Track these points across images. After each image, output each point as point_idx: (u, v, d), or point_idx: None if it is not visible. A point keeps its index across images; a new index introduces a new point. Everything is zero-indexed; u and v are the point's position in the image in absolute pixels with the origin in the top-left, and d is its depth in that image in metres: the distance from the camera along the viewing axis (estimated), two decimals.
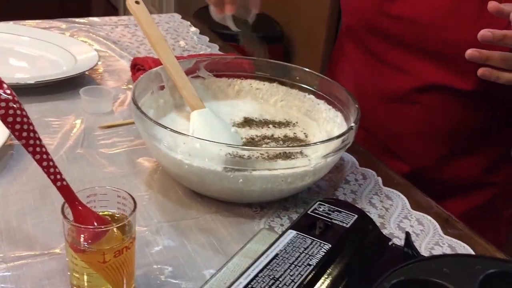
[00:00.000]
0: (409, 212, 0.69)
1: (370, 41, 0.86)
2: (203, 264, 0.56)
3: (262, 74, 0.85)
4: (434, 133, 0.85)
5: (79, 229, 0.44)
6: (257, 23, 0.91)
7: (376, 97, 0.84)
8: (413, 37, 0.79)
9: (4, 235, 0.56)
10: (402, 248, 0.46)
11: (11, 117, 0.41)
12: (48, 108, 0.83)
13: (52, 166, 0.44)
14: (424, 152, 0.88)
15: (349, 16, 0.90)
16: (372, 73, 0.88)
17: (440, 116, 0.84)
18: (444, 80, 0.80)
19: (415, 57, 0.81)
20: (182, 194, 0.67)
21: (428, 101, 0.83)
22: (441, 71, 0.79)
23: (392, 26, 0.81)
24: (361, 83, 0.88)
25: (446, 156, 0.87)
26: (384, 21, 0.81)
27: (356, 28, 0.88)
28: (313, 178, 0.66)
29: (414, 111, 0.85)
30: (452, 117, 0.83)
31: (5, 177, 0.66)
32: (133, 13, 0.75)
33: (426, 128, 0.85)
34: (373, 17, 0.83)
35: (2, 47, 1.00)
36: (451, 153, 0.86)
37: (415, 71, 0.82)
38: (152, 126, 0.63)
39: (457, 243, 0.63)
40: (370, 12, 0.83)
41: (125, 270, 0.46)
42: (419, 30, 0.78)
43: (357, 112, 0.70)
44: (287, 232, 0.43)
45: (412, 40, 0.80)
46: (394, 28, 0.81)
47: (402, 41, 0.81)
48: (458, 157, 0.86)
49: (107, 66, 1.01)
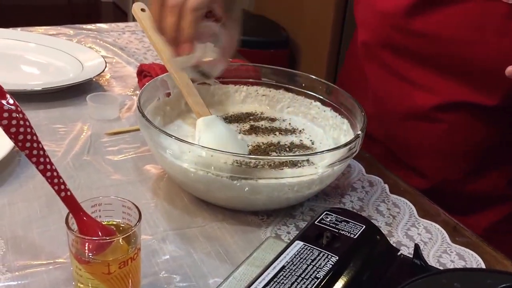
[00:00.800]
0: (417, 220, 0.68)
1: (388, 58, 0.82)
2: (209, 273, 0.56)
3: (268, 81, 0.85)
4: (455, 150, 0.81)
5: (84, 240, 0.44)
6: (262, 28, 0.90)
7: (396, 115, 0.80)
8: (434, 53, 0.76)
9: (10, 244, 0.56)
10: (411, 259, 0.45)
11: (14, 128, 0.41)
12: (55, 114, 0.83)
13: (56, 177, 0.44)
14: (446, 169, 0.84)
15: (364, 31, 0.86)
16: (391, 91, 0.84)
17: (462, 133, 0.80)
18: (467, 97, 0.76)
19: (436, 74, 0.77)
20: (188, 202, 0.67)
21: (450, 118, 0.79)
22: (464, 88, 0.76)
23: (412, 42, 0.77)
24: (379, 100, 0.84)
25: (468, 172, 0.83)
26: (401, 37, 0.78)
27: (372, 44, 0.84)
28: (320, 186, 0.65)
29: (435, 128, 0.81)
30: (475, 133, 0.79)
31: (12, 184, 0.66)
32: (139, 20, 0.75)
33: (448, 146, 0.81)
34: (389, 33, 0.79)
35: (12, 54, 1.01)
36: (474, 168, 0.83)
37: (436, 89, 0.78)
38: (157, 134, 0.63)
39: (465, 251, 0.62)
40: (387, 27, 0.79)
41: (130, 280, 0.46)
42: (441, 46, 0.75)
43: (363, 120, 0.69)
44: (294, 243, 0.43)
45: (433, 57, 0.76)
46: (413, 45, 0.77)
47: (422, 58, 0.78)
48: (481, 171, 0.83)
49: (114, 73, 1.01)
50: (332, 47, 2.26)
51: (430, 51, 0.76)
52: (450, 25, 0.73)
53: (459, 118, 0.79)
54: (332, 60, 2.30)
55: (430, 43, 0.76)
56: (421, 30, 0.76)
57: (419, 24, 0.75)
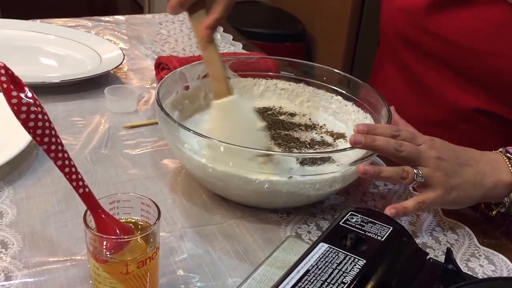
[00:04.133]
0: (442, 219, 0.66)
1: (407, 57, 0.81)
2: (228, 273, 0.54)
3: (287, 74, 0.83)
4: None
5: (102, 239, 0.42)
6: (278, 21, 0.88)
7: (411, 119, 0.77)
8: (450, 57, 0.74)
9: (27, 239, 0.55)
10: (441, 263, 0.43)
11: (33, 122, 0.40)
12: (73, 107, 0.83)
13: (74, 173, 0.43)
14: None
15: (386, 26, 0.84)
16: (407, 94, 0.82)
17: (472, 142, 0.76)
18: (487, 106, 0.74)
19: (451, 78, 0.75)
20: (206, 198, 0.65)
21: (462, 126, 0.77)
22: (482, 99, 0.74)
23: (430, 43, 0.75)
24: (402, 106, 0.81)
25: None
26: (420, 35, 0.76)
27: (394, 42, 0.83)
28: (341, 185, 0.63)
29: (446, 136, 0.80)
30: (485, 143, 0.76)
31: (29, 178, 0.65)
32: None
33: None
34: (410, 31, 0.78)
35: (31, 46, 1.01)
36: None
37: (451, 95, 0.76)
38: (176, 128, 0.61)
39: (494, 255, 0.60)
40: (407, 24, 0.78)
41: (148, 280, 0.44)
42: (458, 50, 0.73)
43: (388, 115, 0.67)
44: (319, 245, 0.41)
45: (449, 60, 0.75)
46: (431, 45, 0.75)
47: (438, 60, 0.76)
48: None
49: (131, 65, 1.00)
50: (349, 41, 2.23)
51: (446, 53, 0.74)
52: (467, 29, 0.71)
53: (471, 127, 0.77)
54: (348, 54, 2.26)
55: (447, 45, 0.74)
56: (438, 30, 0.74)
57: (437, 24, 0.74)
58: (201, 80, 0.77)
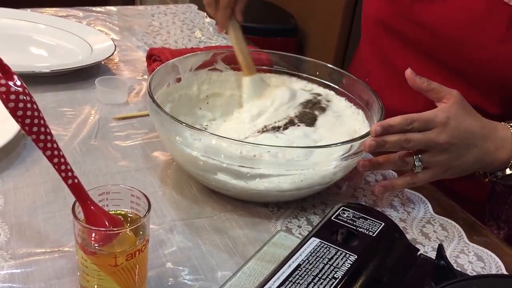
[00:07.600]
0: (432, 216, 0.66)
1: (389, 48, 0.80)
2: (218, 267, 0.54)
3: (280, 68, 0.82)
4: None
5: (90, 231, 0.42)
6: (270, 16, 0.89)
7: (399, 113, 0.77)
8: (434, 49, 0.74)
9: (14, 230, 0.54)
10: (431, 259, 0.43)
11: (21, 111, 0.39)
12: (63, 97, 0.82)
13: (63, 163, 0.42)
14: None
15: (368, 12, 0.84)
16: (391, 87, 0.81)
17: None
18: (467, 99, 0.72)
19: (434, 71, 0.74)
20: (196, 191, 0.65)
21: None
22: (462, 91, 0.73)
23: (413, 33, 0.75)
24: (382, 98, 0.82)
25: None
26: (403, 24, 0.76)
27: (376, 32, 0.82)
28: (332, 179, 0.63)
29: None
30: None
31: (17, 168, 0.64)
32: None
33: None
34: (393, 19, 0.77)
35: (21, 35, 0.99)
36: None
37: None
38: (167, 120, 0.61)
39: (483, 252, 0.60)
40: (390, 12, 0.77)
41: (137, 273, 0.44)
42: (441, 42, 0.73)
43: (381, 111, 0.67)
44: (310, 240, 0.41)
45: (433, 53, 0.74)
46: (414, 35, 0.75)
47: (422, 51, 0.76)
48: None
49: (123, 56, 0.99)
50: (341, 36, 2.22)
51: (428, 43, 0.74)
52: (451, 18, 0.71)
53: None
54: (340, 50, 2.26)
55: (429, 34, 0.73)
56: (421, 19, 0.73)
57: (422, 12, 0.73)
58: (194, 72, 0.77)
